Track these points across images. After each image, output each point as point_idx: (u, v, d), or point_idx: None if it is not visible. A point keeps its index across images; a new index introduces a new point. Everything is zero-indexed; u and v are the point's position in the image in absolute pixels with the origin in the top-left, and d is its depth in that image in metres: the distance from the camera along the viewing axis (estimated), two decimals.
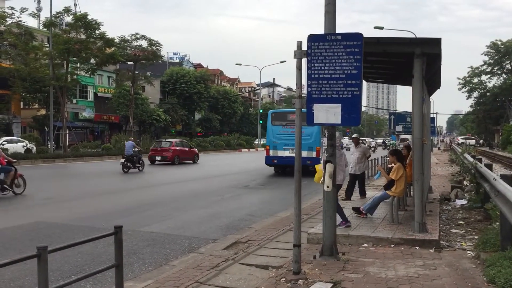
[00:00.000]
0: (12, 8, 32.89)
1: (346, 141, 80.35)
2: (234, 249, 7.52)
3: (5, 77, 35.17)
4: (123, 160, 22.82)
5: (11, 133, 41.56)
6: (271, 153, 21.75)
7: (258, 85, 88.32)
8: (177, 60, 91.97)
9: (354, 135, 13.81)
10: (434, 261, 6.49)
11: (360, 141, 13.59)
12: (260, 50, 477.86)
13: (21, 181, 14.40)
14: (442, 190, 14.66)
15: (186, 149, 31.75)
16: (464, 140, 66.02)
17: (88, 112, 56.10)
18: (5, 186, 13.69)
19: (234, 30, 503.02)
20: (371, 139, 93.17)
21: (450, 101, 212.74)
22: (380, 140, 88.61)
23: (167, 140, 33.73)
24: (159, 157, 29.60)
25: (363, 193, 13.04)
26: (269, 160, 22.09)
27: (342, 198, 11.48)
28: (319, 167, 7.56)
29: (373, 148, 68.28)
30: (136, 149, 23.62)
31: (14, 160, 15.06)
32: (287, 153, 20.56)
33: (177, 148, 30.53)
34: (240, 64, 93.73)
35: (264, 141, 70.16)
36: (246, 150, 57.02)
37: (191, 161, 31.48)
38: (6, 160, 14.22)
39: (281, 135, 20.93)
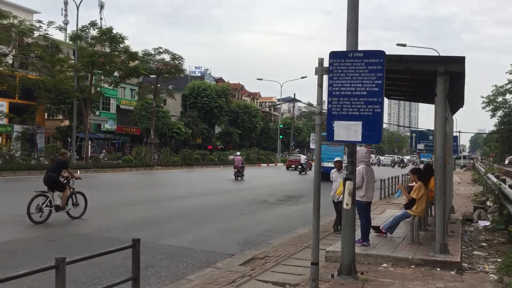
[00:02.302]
0: (39, 22, 33.68)
1: (383, 158, 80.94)
2: (251, 265, 7.47)
3: (31, 88, 35.94)
4: (235, 170, 29.61)
5: (35, 143, 42.30)
6: None
7: (278, 100, 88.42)
8: (199, 74, 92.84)
9: (336, 159, 11.36)
10: (455, 283, 6.33)
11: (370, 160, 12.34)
12: (281, 65, 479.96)
13: (80, 198, 12.45)
14: (464, 210, 14.37)
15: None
16: None
17: (110, 124, 56.87)
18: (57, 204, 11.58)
19: (256, 45, 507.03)
20: (400, 156, 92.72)
21: (473, 120, 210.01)
22: (408, 157, 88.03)
23: (297, 154, 53.04)
24: (294, 166, 44.89)
25: (339, 225, 10.32)
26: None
27: (334, 231, 10.63)
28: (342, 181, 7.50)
29: (402, 165, 68.04)
30: (243, 164, 30.79)
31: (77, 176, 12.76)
32: (330, 164, 22.65)
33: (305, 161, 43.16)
34: (261, 79, 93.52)
35: (282, 156, 70.28)
36: (266, 165, 56.94)
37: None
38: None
39: (326, 151, 24.79)
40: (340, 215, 10.47)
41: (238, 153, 36.80)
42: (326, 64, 6.00)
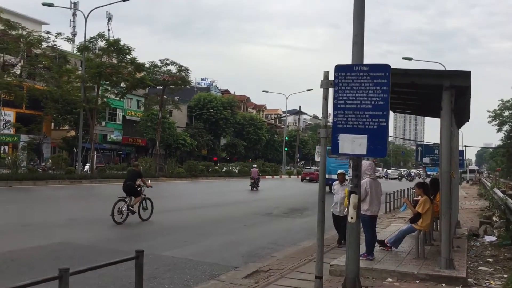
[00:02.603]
0: (48, 33, 34.05)
1: (390, 171, 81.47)
2: (255, 277, 7.43)
3: (38, 99, 36.21)
4: (252, 181, 31.81)
5: (41, 153, 42.52)
6: (327, 176, 27.71)
7: (284, 112, 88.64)
8: (205, 86, 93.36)
9: (339, 171, 11.06)
10: None
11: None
12: (287, 78, 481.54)
13: (149, 203, 14.20)
14: (470, 225, 14.26)
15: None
16: None
17: (116, 135, 57.11)
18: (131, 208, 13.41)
19: (262, 57, 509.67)
20: (406, 170, 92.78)
21: (479, 134, 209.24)
22: (414, 171, 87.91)
23: (312, 168, 55.18)
24: (309, 178, 47.60)
25: (342, 240, 10.34)
26: (326, 181, 26.80)
27: (337, 245, 10.42)
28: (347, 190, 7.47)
29: (410, 178, 68.06)
30: (259, 175, 33.56)
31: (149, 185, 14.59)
32: None
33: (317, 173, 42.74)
34: (266, 91, 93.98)
35: (288, 168, 70.22)
36: (271, 177, 56.84)
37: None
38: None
39: (335, 164, 25.54)
40: (341, 229, 10.42)
41: (255, 165, 40.13)
42: (331, 77, 6.02)
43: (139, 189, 13.92)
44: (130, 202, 13.47)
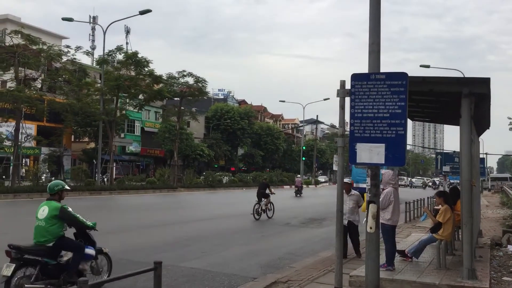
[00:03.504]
0: (68, 47, 34.67)
1: (414, 180, 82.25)
2: None
3: (58, 112, 36.81)
4: (296, 188, 35.96)
5: (61, 165, 43.11)
6: (355, 185, 34.71)
7: (301, 121, 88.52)
8: (222, 97, 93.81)
9: (346, 180, 10.44)
10: None
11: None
12: (303, 87, 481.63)
13: (271, 206, 19.41)
14: (493, 234, 13.98)
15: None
16: None
17: (135, 146, 57.65)
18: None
19: (279, 67, 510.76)
20: (429, 178, 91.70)
21: (501, 142, 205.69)
22: (437, 179, 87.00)
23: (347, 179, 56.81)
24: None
25: (358, 252, 10.30)
26: (354, 189, 31.36)
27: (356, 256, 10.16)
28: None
29: (435, 186, 67.44)
30: (302, 184, 38.36)
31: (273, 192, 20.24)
32: (365, 185, 24.26)
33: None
34: (283, 101, 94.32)
35: (306, 177, 70.06)
36: (288, 186, 56.65)
37: None
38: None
39: (362, 174, 26.70)
40: (353, 240, 10.33)
41: (299, 175, 48.19)
42: (348, 86, 6.00)
43: (267, 194, 19.54)
44: (263, 205, 19.00)
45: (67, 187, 7.08)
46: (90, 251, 6.88)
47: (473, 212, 8.13)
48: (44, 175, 33.76)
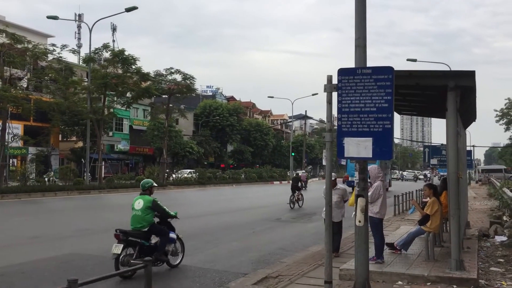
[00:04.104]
0: (53, 45, 34.33)
1: (405, 173, 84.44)
2: (264, 284, 7.41)
3: (45, 111, 36.46)
4: (301, 183, 36.86)
5: (49, 165, 42.74)
6: (350, 178, 33.35)
7: (290, 117, 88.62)
8: (210, 93, 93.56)
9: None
10: None
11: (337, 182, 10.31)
12: (292, 83, 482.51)
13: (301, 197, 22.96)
14: (480, 225, 14.16)
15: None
16: None
17: (123, 144, 57.33)
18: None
19: (267, 63, 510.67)
20: (419, 171, 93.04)
21: (488, 134, 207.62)
22: (427, 172, 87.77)
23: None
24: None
25: (336, 248, 9.75)
26: (349, 183, 31.48)
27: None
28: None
29: (426, 179, 68.05)
30: (307, 179, 41.75)
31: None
32: None
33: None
34: (272, 97, 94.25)
35: (295, 173, 70.17)
36: (278, 182, 56.78)
37: None
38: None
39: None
40: (335, 236, 9.63)
41: (304, 171, 56.53)
42: (335, 81, 6.03)
43: (300, 186, 23.87)
44: (296, 196, 22.58)
45: (155, 184, 8.69)
46: (172, 235, 8.57)
47: (460, 204, 8.23)
48: (33, 174, 33.44)
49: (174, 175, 44.46)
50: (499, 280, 7.58)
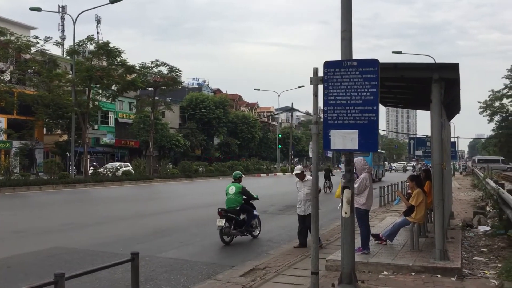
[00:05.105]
0: (36, 37, 33.85)
1: (395, 164, 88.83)
2: (252, 276, 7.46)
3: (29, 104, 36.00)
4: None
5: (33, 159, 42.26)
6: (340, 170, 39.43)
7: (276, 109, 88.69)
8: (197, 86, 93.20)
9: (296, 171, 10.32)
10: None
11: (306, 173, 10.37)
12: (279, 75, 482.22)
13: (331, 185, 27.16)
14: (464, 216, 14.36)
15: None
16: None
17: (109, 138, 56.91)
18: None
19: (253, 56, 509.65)
20: (408, 163, 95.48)
21: (471, 125, 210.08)
22: (414, 163, 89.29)
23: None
24: None
25: (305, 244, 9.85)
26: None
27: (294, 246, 9.88)
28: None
29: (414, 170, 68.90)
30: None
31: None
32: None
33: None
34: (258, 89, 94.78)
35: (282, 165, 70.37)
36: (265, 174, 56.88)
37: None
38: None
39: None
40: (304, 231, 9.85)
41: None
42: (321, 73, 6.05)
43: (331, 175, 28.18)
44: (327, 184, 27.18)
45: (242, 175, 11.86)
46: (256, 212, 11.29)
47: (444, 195, 8.34)
48: (17, 168, 33.03)
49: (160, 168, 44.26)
50: (482, 269, 7.72)
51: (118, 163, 45.21)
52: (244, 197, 10.95)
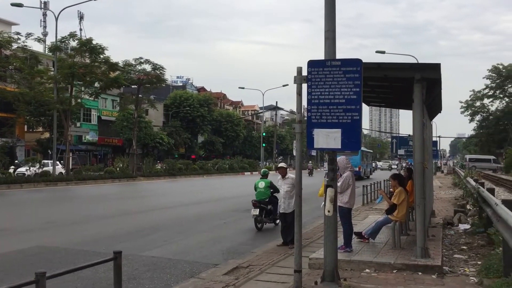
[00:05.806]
0: (18, 33, 33.40)
1: (380, 163, 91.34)
2: (235, 274, 7.47)
3: (10, 101, 35.47)
4: (309, 171, 43.64)
5: (14, 156, 41.70)
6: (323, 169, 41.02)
7: (261, 108, 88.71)
8: (181, 84, 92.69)
9: (280, 165, 11.00)
10: (436, 287, 6.42)
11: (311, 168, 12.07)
12: (263, 74, 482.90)
13: None
14: (445, 214, 14.56)
15: None
16: None
17: (92, 135, 56.35)
18: None
19: (238, 54, 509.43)
20: (394, 161, 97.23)
21: (453, 125, 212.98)
22: (397, 162, 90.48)
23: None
24: None
25: (292, 240, 8.76)
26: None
27: (278, 244, 9.86)
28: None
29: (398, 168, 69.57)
30: (313, 168, 49.30)
31: None
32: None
33: None
34: (243, 88, 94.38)
35: (266, 163, 70.46)
36: (249, 173, 56.93)
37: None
38: None
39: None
40: (288, 228, 9.65)
41: (310, 162, 61.43)
42: (305, 72, 6.08)
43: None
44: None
45: (269, 172, 13.38)
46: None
47: (426, 194, 8.45)
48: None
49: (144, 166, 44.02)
50: (462, 267, 7.85)
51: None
52: (271, 190, 12.15)
